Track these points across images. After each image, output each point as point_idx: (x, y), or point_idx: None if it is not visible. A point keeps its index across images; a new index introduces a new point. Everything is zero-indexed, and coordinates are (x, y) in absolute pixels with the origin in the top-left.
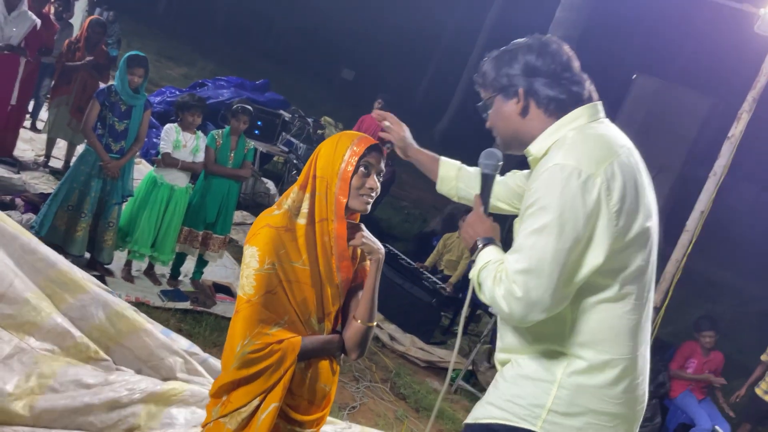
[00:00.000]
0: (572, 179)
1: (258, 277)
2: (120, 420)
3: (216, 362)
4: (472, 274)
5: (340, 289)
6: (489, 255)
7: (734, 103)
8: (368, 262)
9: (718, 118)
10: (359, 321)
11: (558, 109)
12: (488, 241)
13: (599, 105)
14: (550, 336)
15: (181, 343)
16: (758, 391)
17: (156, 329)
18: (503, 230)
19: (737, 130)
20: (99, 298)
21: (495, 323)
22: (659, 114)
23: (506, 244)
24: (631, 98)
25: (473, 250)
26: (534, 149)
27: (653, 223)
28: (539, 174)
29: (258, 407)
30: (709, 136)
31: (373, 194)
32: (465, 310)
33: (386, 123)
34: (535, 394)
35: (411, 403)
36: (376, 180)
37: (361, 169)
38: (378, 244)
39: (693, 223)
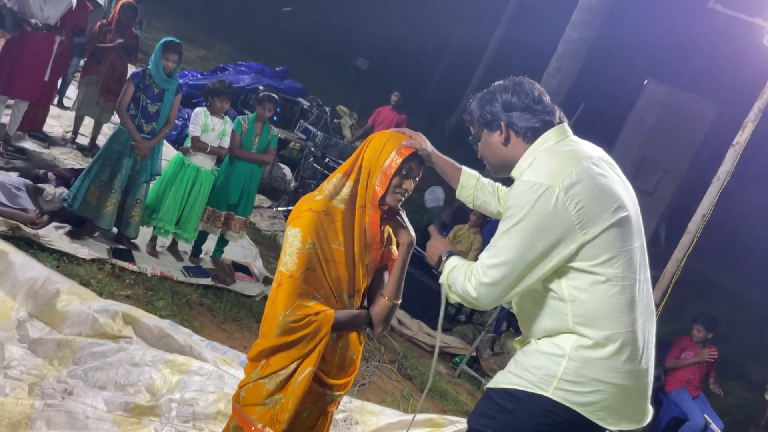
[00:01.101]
0: (533, 191)
1: (300, 255)
2: (138, 378)
3: (219, 345)
4: (443, 279)
5: (369, 269)
6: (454, 262)
7: (740, 111)
8: (394, 246)
9: (724, 125)
10: (386, 298)
11: (534, 136)
12: (450, 253)
13: (566, 126)
14: (557, 322)
15: (185, 330)
16: None
17: (162, 322)
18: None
19: (742, 137)
20: (114, 305)
21: (500, 314)
22: (668, 119)
23: None
24: (641, 103)
25: (439, 263)
26: (515, 173)
27: (630, 213)
28: (511, 190)
29: (295, 370)
30: (714, 143)
31: (406, 195)
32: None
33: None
34: (548, 365)
35: (417, 384)
36: (412, 183)
37: (403, 171)
38: (410, 229)
39: (694, 225)
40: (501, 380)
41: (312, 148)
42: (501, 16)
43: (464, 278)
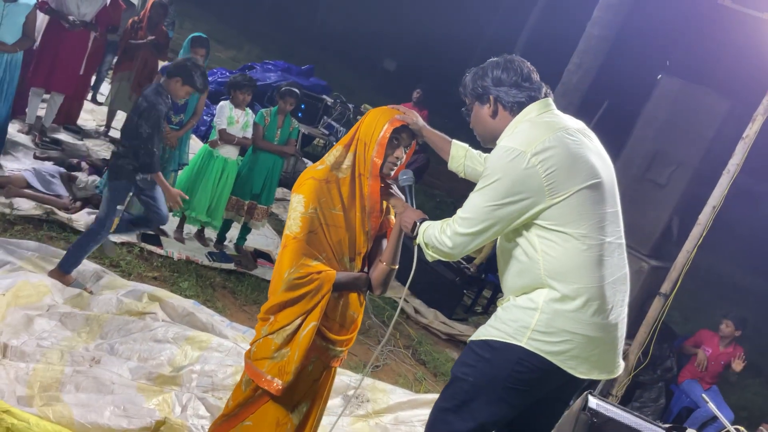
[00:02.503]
0: (507, 155)
1: (303, 219)
2: (161, 353)
3: (239, 326)
4: (419, 240)
5: (369, 235)
6: (428, 223)
7: (752, 105)
8: (392, 216)
9: (736, 119)
10: (385, 263)
11: (519, 109)
12: (423, 219)
13: (549, 100)
14: (532, 278)
15: (208, 310)
16: None
17: (187, 302)
18: None
19: (752, 131)
20: (141, 287)
21: None
22: (680, 112)
23: None
24: (655, 97)
25: (413, 228)
26: (499, 141)
27: (603, 180)
28: (490, 155)
29: (300, 325)
30: (727, 136)
31: (398, 162)
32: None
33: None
34: (522, 318)
35: (430, 368)
36: (403, 151)
37: (394, 141)
38: (403, 200)
39: (705, 217)
40: (481, 333)
41: (335, 143)
42: (528, 15)
43: (439, 231)
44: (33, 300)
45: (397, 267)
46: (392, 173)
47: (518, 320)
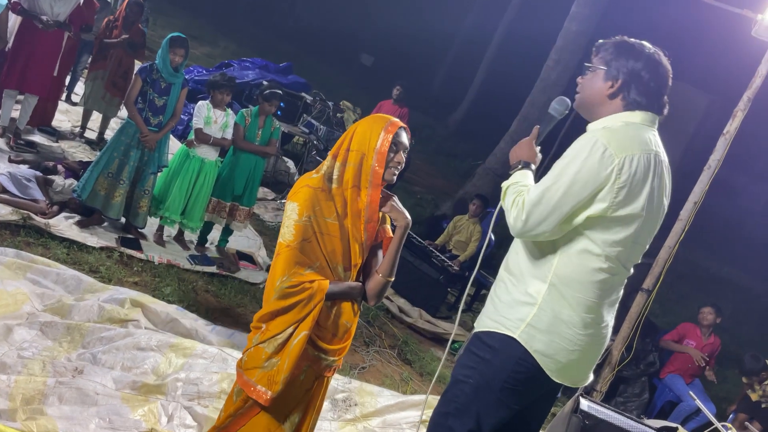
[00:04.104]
0: (597, 150)
1: (297, 227)
2: (144, 361)
3: (224, 330)
4: (505, 184)
5: (365, 246)
6: (519, 177)
7: (731, 101)
8: (388, 225)
9: (716, 115)
10: (381, 275)
11: (633, 108)
12: (526, 165)
13: (657, 118)
14: (540, 270)
15: (191, 315)
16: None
17: (169, 307)
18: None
19: (732, 126)
20: (122, 291)
21: None
22: None
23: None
24: None
25: (513, 167)
26: (592, 126)
27: (650, 217)
28: (581, 137)
29: (291, 334)
30: (707, 132)
31: (400, 167)
32: (468, 287)
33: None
34: (521, 312)
35: (416, 368)
36: (402, 155)
37: (394, 147)
38: (405, 213)
39: (686, 213)
40: (480, 325)
41: (315, 142)
42: (505, 9)
43: (512, 200)
44: (11, 309)
45: (392, 279)
46: (394, 179)
47: (516, 314)
